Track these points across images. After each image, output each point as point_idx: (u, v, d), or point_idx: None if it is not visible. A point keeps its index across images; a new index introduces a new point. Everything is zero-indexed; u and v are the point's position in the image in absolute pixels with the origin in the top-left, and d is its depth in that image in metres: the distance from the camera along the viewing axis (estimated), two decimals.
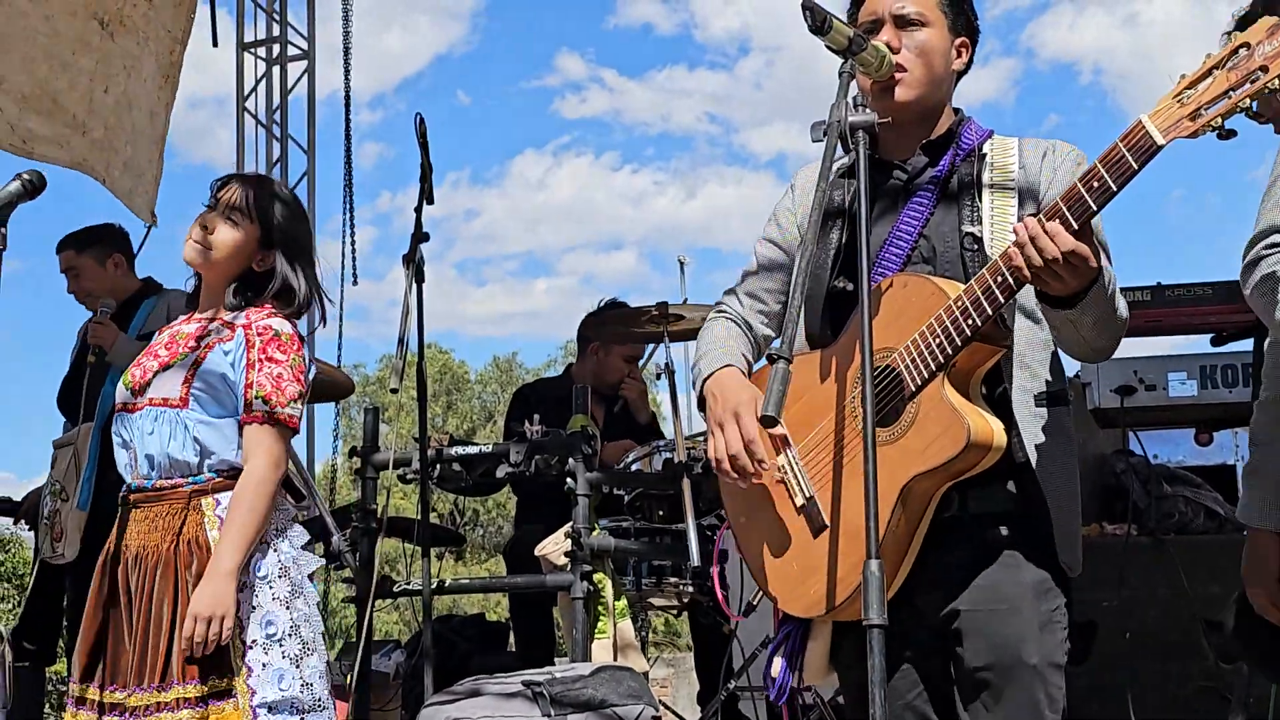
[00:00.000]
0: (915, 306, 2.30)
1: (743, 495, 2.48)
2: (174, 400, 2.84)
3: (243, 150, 8.17)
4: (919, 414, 2.25)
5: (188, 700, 2.65)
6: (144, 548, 2.79)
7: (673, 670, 9.80)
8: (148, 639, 2.72)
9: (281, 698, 2.70)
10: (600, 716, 3.71)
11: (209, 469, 2.84)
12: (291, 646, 2.75)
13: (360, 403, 28.63)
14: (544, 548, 4.50)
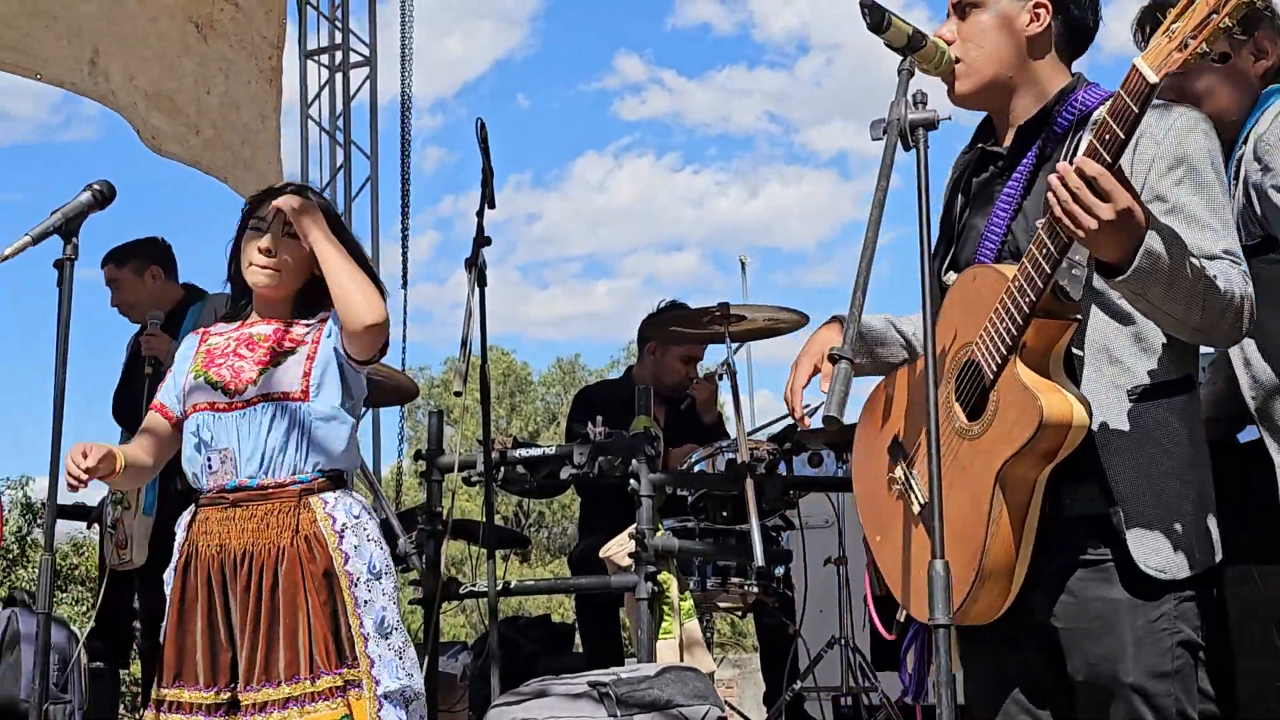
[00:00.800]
0: (984, 296, 2.26)
1: (873, 514, 2.49)
2: (295, 394, 2.88)
3: (306, 157, 8.26)
4: (1000, 401, 2.22)
5: (337, 688, 2.72)
6: (256, 545, 2.82)
7: (739, 671, 9.79)
8: (273, 635, 2.75)
9: (397, 687, 2.79)
10: (666, 717, 3.71)
11: (315, 469, 2.88)
12: (397, 640, 2.84)
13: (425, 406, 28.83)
14: (608, 549, 4.51)
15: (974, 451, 2.24)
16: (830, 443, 4.79)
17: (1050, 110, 2.38)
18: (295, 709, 2.70)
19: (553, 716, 3.73)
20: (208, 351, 3.02)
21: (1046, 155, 2.37)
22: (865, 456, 2.56)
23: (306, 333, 2.98)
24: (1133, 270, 2.06)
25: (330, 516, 2.85)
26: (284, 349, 2.94)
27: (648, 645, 4.25)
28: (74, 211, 2.87)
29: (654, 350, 5.62)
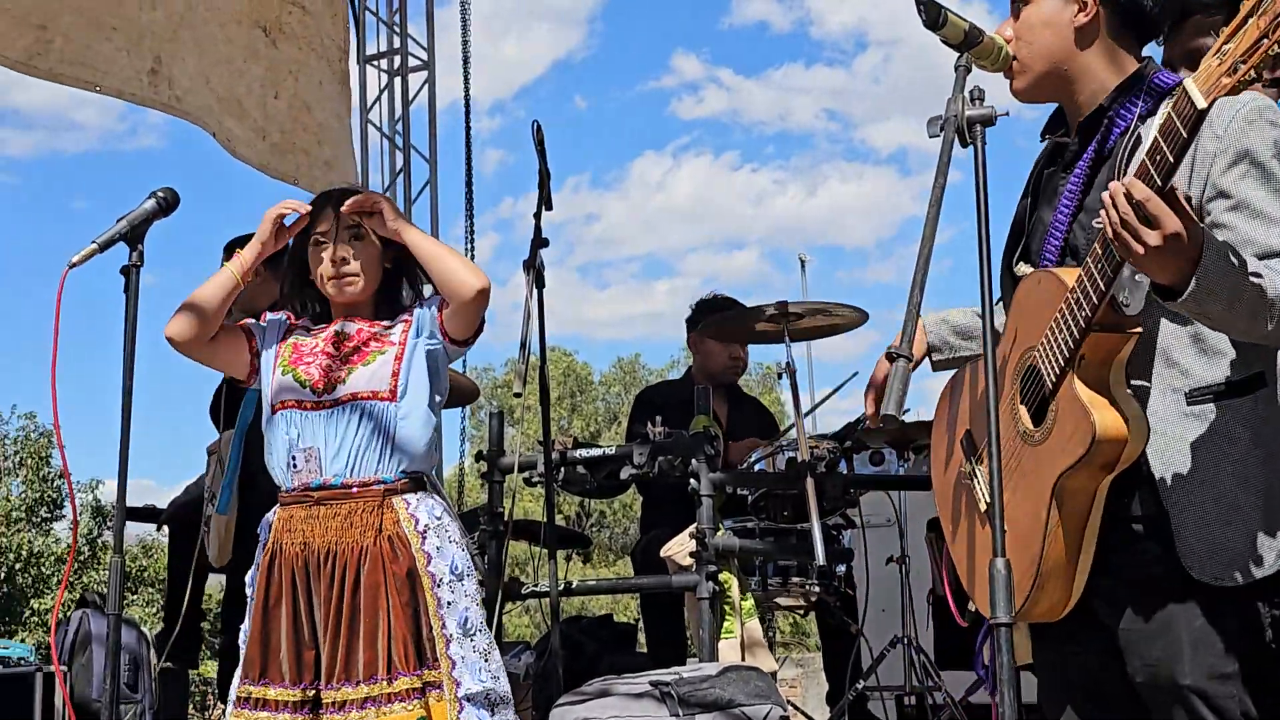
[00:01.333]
0: (1045, 302, 2.25)
1: (948, 505, 2.49)
2: (383, 393, 2.90)
3: (367, 161, 8.31)
4: (1058, 411, 2.20)
5: (415, 690, 2.72)
6: (339, 544, 2.83)
7: (802, 670, 9.76)
8: (354, 634, 2.76)
9: (480, 689, 2.79)
10: (728, 716, 3.71)
11: (398, 470, 2.90)
12: (482, 641, 2.85)
13: (487, 407, 28.99)
14: (669, 549, 4.51)
15: (1035, 458, 2.23)
16: (891, 441, 4.77)
17: (1108, 107, 2.34)
18: (372, 709, 2.71)
19: (615, 716, 3.74)
20: (295, 346, 3.02)
21: (1105, 155, 2.33)
22: (941, 449, 2.56)
23: (393, 332, 3.00)
24: (1188, 294, 2.02)
25: (413, 517, 2.87)
26: (371, 349, 2.96)
27: (709, 645, 4.25)
28: (139, 218, 2.91)
29: (693, 342, 5.67)
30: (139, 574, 24.58)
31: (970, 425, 2.44)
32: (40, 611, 24.37)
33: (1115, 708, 2.35)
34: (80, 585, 23.60)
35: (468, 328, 3.00)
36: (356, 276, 2.99)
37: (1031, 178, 2.52)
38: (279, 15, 6.35)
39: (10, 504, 27.35)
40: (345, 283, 2.99)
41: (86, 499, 27.94)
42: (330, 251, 2.99)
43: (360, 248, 3.00)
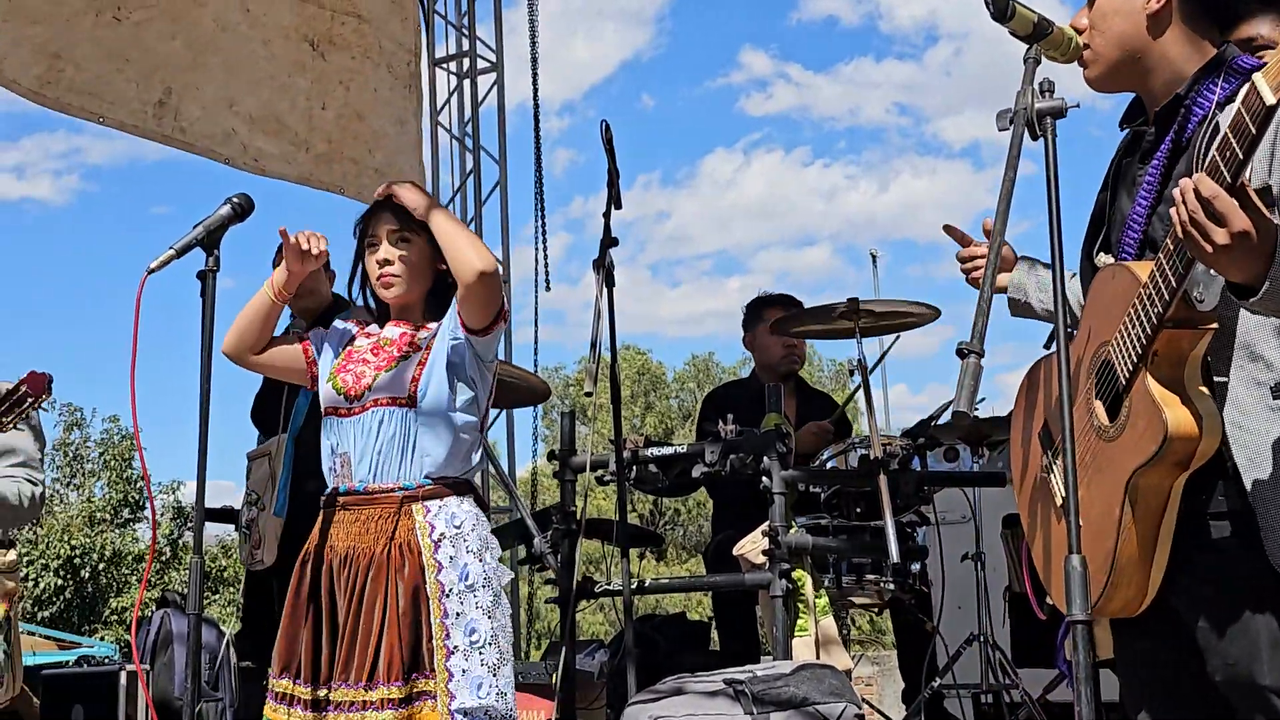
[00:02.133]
0: (1119, 296, 2.21)
1: (1027, 499, 2.47)
2: (401, 399, 2.91)
3: (437, 163, 8.38)
4: (1132, 408, 2.16)
5: (391, 700, 2.72)
6: (354, 549, 2.87)
7: (878, 668, 9.70)
8: (355, 638, 2.80)
9: (478, 704, 2.76)
10: (803, 715, 3.69)
11: (422, 475, 2.91)
12: (490, 655, 2.81)
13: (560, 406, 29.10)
14: (742, 547, 4.51)
15: (1109, 454, 2.20)
16: (964, 437, 4.74)
17: (1184, 95, 2.28)
18: (357, 713, 2.74)
19: (689, 714, 3.74)
20: (348, 354, 3.07)
21: (1183, 145, 2.27)
22: (1020, 442, 2.53)
23: (426, 336, 3.01)
24: (1263, 293, 1.97)
25: (429, 525, 2.87)
26: (401, 352, 2.98)
27: (782, 643, 4.24)
28: (215, 224, 2.95)
29: (749, 342, 5.72)
30: (219, 574, 24.95)
31: (1048, 419, 2.42)
32: (120, 610, 24.81)
33: (1190, 706, 2.30)
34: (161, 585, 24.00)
35: (479, 315, 2.93)
36: (398, 278, 3.01)
37: (1111, 167, 2.47)
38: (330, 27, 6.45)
39: (94, 505, 27.86)
40: (386, 283, 3.01)
41: (167, 500, 28.42)
42: (376, 255, 3.02)
43: (405, 248, 3.01)
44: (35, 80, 5.64)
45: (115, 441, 29.33)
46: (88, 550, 25.77)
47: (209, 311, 2.90)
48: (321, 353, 3.11)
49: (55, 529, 26.14)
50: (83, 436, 30.15)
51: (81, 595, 25.81)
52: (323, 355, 3.10)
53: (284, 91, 6.30)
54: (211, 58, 6.11)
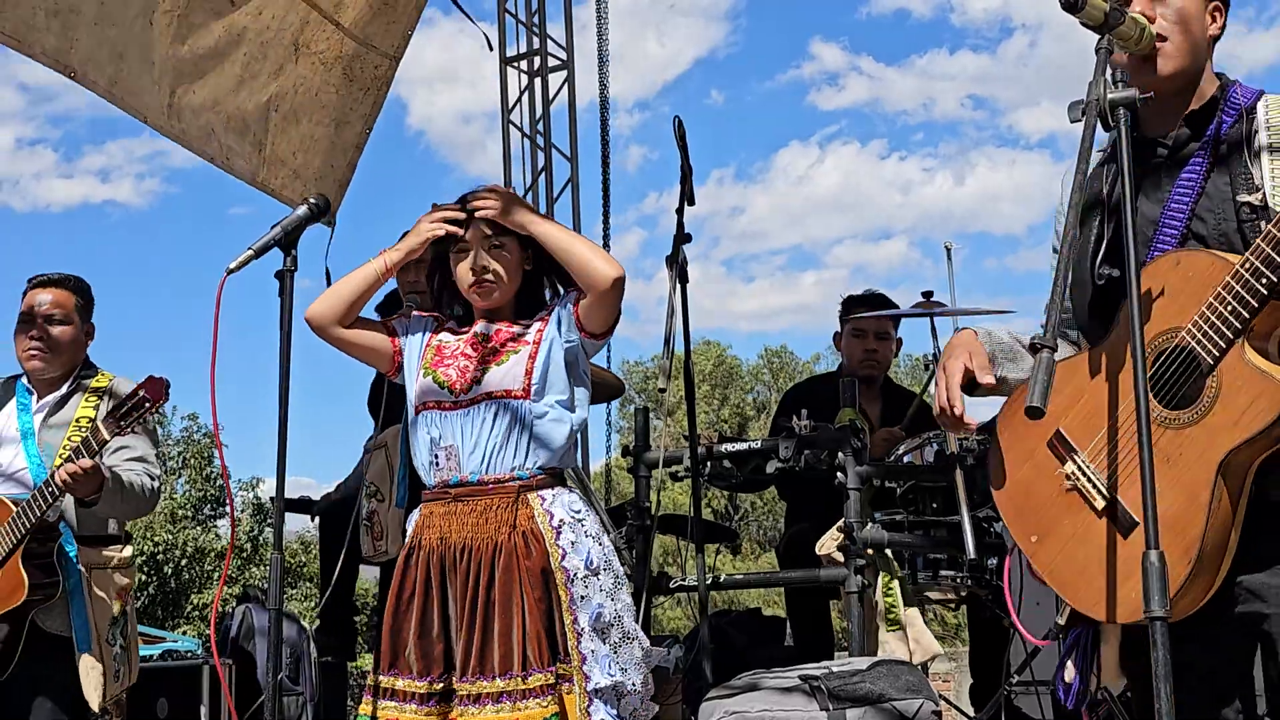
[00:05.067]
0: (1195, 281, 2.20)
1: (1030, 515, 2.41)
2: (516, 392, 2.93)
3: (509, 161, 8.42)
4: (1222, 386, 2.15)
5: (548, 686, 2.75)
6: (475, 540, 2.88)
7: (955, 664, 9.64)
8: (489, 629, 2.80)
9: (609, 683, 2.81)
10: (879, 711, 3.68)
11: (535, 466, 2.93)
12: (615, 635, 2.86)
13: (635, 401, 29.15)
14: (823, 545, 4.49)
15: (1185, 439, 2.17)
16: None
17: (1218, 101, 2.38)
18: (508, 704, 2.75)
19: (765, 710, 3.73)
20: (438, 348, 3.07)
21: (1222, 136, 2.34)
22: (1014, 459, 2.47)
23: (528, 331, 3.03)
24: None
25: (548, 513, 2.89)
26: (506, 348, 2.99)
27: (859, 638, 4.23)
28: (292, 225, 2.99)
29: (837, 339, 5.68)
30: (298, 569, 25.26)
31: (1061, 425, 2.38)
32: (203, 606, 25.19)
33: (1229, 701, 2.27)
34: (242, 581, 24.34)
35: (605, 320, 3.00)
36: (495, 284, 3.03)
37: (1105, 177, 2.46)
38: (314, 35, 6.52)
39: (175, 502, 28.32)
40: (486, 290, 3.03)
41: (247, 497, 28.82)
42: (470, 260, 3.03)
43: (497, 254, 3.03)
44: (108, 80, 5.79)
45: (195, 439, 29.79)
46: (170, 547, 26.20)
47: (287, 310, 2.93)
48: (407, 343, 3.12)
49: (139, 526, 26.61)
50: (164, 434, 30.65)
51: (165, 591, 26.25)
52: (408, 346, 3.12)
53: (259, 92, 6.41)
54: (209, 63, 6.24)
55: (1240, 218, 2.29)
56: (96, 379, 4.01)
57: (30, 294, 4.04)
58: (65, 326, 4.00)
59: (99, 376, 4.02)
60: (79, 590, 3.80)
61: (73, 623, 3.77)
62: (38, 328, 3.97)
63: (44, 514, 3.67)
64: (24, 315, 4.01)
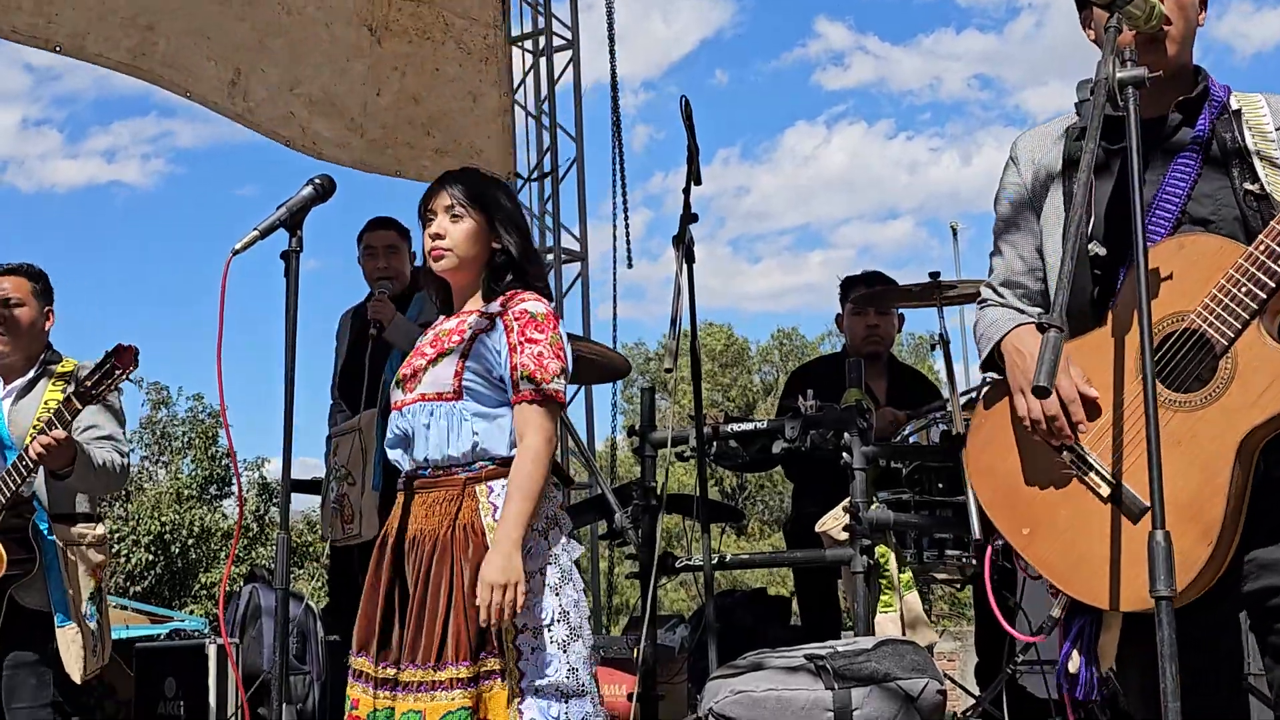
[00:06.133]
0: (1202, 264, 2.20)
1: (1020, 507, 2.37)
2: (447, 394, 2.92)
3: (514, 142, 8.41)
4: (1237, 368, 2.16)
5: (460, 680, 2.74)
6: (421, 532, 2.90)
7: (960, 644, 9.65)
8: (422, 619, 2.82)
9: (548, 682, 2.77)
10: (884, 690, 3.68)
11: (482, 459, 2.91)
12: (559, 632, 2.82)
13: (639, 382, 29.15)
14: (824, 524, 4.49)
15: (1198, 421, 2.17)
16: None
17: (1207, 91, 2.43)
18: (425, 694, 2.76)
19: (770, 689, 3.74)
20: (417, 348, 3.10)
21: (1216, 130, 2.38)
22: (998, 450, 2.42)
23: (472, 328, 2.99)
24: None
25: (493, 505, 2.87)
26: (455, 344, 2.97)
27: (864, 618, 4.23)
28: (298, 205, 2.98)
29: (839, 320, 5.69)
30: (304, 549, 25.32)
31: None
32: (210, 585, 25.27)
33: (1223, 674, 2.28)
34: (249, 560, 24.40)
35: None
36: (448, 251, 3.01)
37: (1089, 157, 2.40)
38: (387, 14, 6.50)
39: (181, 482, 28.38)
40: (436, 255, 3.03)
41: (253, 477, 28.87)
42: (431, 228, 3.05)
43: (458, 224, 3.02)
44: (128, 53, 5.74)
45: (201, 419, 29.84)
46: (177, 526, 26.27)
47: (293, 291, 2.92)
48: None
49: (145, 506, 26.66)
50: (169, 415, 30.69)
51: (172, 570, 26.32)
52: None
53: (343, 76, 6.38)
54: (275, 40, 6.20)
55: (1245, 205, 2.31)
56: (62, 365, 4.08)
57: None
58: (21, 309, 4.08)
59: (64, 362, 4.09)
60: (55, 565, 3.85)
61: (51, 596, 3.82)
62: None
63: (18, 489, 3.73)
64: None
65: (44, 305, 4.16)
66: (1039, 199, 2.52)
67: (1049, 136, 2.55)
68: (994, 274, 2.63)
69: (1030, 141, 2.58)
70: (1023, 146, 2.59)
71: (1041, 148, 2.55)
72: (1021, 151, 2.58)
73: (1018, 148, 2.60)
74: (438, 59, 6.76)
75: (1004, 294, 2.59)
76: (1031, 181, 2.53)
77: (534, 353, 2.89)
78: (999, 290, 2.60)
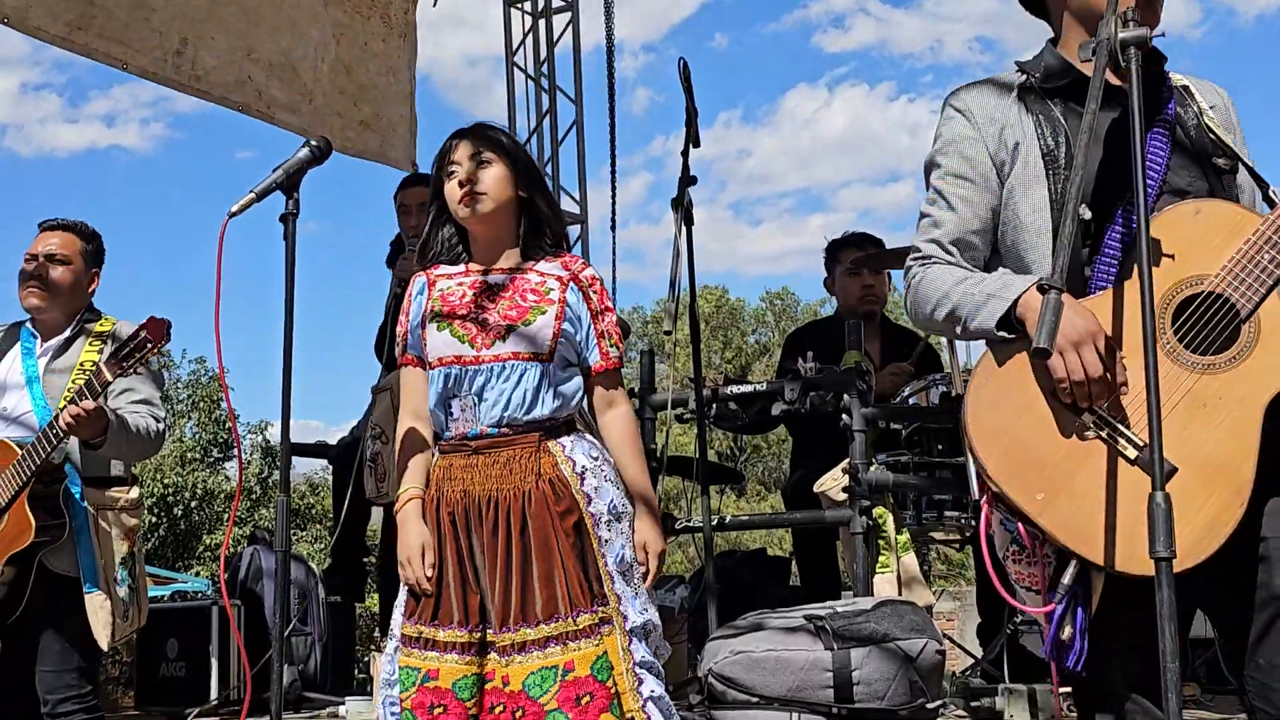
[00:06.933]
0: (1220, 230, 2.22)
1: (1033, 471, 2.26)
2: (543, 354, 2.90)
3: (513, 104, 8.37)
4: (1262, 331, 2.19)
5: (594, 628, 2.77)
6: (500, 490, 2.85)
7: (959, 604, 9.69)
8: (526, 577, 2.79)
9: (640, 622, 2.83)
10: (883, 650, 3.70)
11: (558, 416, 2.91)
12: (635, 576, 2.88)
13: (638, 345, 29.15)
14: (823, 484, 4.51)
15: (1223, 383, 2.18)
16: None
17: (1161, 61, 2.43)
18: (557, 647, 2.74)
19: (770, 650, 3.76)
20: (443, 298, 3.00)
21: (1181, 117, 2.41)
22: (1008, 413, 2.32)
23: (547, 284, 2.97)
24: None
25: (570, 459, 2.88)
26: (529, 305, 2.94)
27: (863, 579, 4.25)
28: (294, 167, 2.97)
29: (829, 285, 5.68)
30: (306, 511, 25.39)
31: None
32: (213, 547, 25.33)
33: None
34: (252, 522, 24.48)
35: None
36: (483, 194, 2.95)
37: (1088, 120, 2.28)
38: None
39: (184, 445, 28.44)
40: (468, 201, 2.95)
41: (256, 440, 28.93)
42: (459, 175, 2.98)
43: (488, 170, 2.97)
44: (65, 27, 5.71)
45: (203, 383, 29.87)
46: (180, 489, 26.33)
47: (290, 254, 2.92)
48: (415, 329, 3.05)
49: (149, 468, 26.72)
50: (172, 378, 30.71)
51: (175, 532, 26.41)
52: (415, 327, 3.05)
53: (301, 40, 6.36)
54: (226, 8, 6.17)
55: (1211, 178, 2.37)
56: (100, 323, 4.02)
57: (39, 236, 4.07)
58: (65, 267, 4.02)
59: (103, 321, 4.03)
60: (85, 530, 3.82)
61: (80, 562, 3.79)
62: (39, 265, 3.99)
63: (48, 457, 3.69)
64: (29, 256, 4.03)
65: (91, 267, 4.10)
66: (1000, 155, 2.44)
67: (996, 92, 2.48)
68: (942, 228, 2.48)
69: (981, 96, 2.49)
70: (973, 100, 2.50)
71: (996, 104, 2.47)
72: (973, 105, 2.49)
73: (966, 101, 2.50)
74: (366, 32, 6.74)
75: (953, 253, 2.47)
76: (994, 137, 2.45)
77: (613, 320, 2.99)
78: (948, 247, 2.47)
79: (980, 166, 2.45)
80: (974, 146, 2.46)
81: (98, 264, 4.12)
